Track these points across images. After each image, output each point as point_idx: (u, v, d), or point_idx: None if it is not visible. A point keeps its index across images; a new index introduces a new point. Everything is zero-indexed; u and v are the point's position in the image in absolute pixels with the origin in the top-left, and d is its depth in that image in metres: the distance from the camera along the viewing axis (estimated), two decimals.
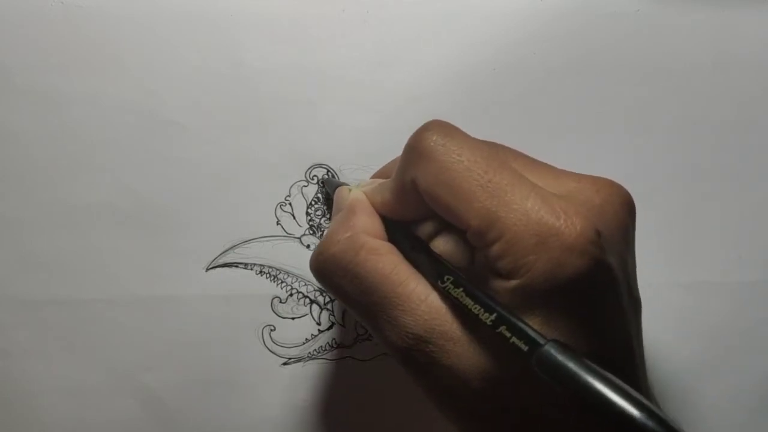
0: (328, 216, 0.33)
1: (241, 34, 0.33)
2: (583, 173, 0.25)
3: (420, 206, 0.24)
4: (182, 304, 0.32)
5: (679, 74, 0.34)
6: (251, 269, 0.33)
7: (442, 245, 0.24)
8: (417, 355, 0.23)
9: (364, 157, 0.33)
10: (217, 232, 0.33)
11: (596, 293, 0.21)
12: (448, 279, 0.23)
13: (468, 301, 0.22)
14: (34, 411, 0.32)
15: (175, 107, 0.33)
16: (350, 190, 0.28)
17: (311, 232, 0.33)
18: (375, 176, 0.31)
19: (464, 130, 0.34)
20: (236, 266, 0.33)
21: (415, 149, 0.23)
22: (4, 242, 0.32)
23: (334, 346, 0.33)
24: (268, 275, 0.33)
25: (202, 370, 0.32)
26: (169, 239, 0.32)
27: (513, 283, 0.21)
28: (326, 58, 0.33)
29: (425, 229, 0.25)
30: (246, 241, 0.33)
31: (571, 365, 0.19)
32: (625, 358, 0.22)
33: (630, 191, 0.34)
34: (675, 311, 0.34)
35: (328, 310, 0.33)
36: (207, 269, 0.32)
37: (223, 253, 0.32)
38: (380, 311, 0.23)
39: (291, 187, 0.33)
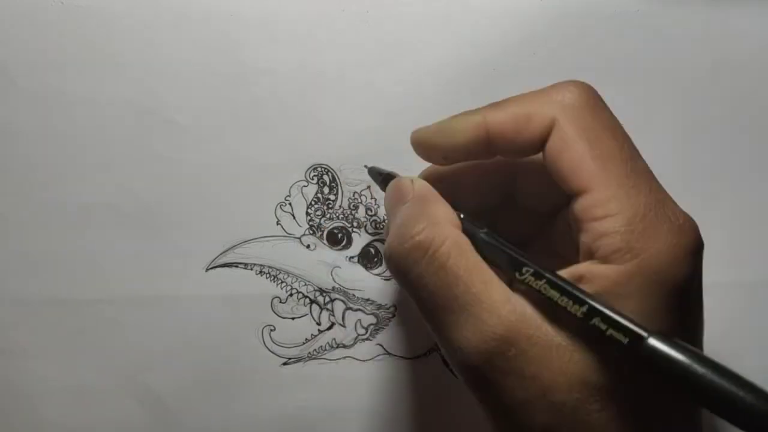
0: (327, 216, 0.33)
1: (241, 34, 0.33)
2: None
3: (508, 152, 0.24)
4: (182, 304, 0.32)
5: (679, 74, 0.34)
6: (251, 269, 0.33)
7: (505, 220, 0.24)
8: (496, 360, 0.21)
9: (364, 157, 0.33)
10: (217, 232, 0.33)
11: (695, 295, 0.22)
12: (527, 271, 0.21)
13: (553, 293, 0.21)
14: (34, 411, 0.32)
15: (175, 107, 0.33)
16: (413, 180, 0.27)
17: (311, 232, 0.33)
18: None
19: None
20: (236, 266, 0.33)
21: (575, 92, 0.23)
22: (4, 242, 0.32)
23: (334, 346, 0.33)
24: (268, 275, 0.33)
25: (202, 370, 0.32)
26: (169, 239, 0.32)
27: (615, 267, 0.20)
28: (326, 58, 0.33)
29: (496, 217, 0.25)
30: (246, 241, 0.33)
31: (684, 358, 0.18)
32: (700, 340, 0.23)
33: None
34: None
35: (328, 310, 0.33)
36: (207, 269, 0.32)
37: (223, 253, 0.32)
38: (460, 308, 0.22)
39: (291, 187, 0.33)
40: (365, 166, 0.33)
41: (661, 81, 0.34)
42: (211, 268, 0.32)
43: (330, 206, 0.33)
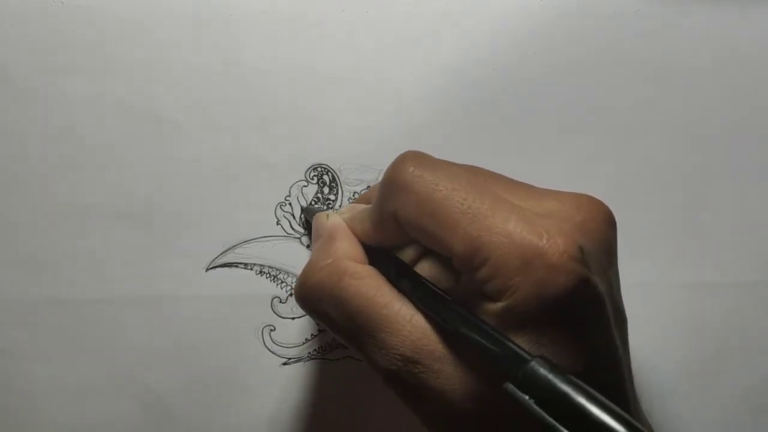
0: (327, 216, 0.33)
1: (241, 34, 0.33)
2: (564, 191, 0.25)
3: (401, 234, 0.24)
4: (182, 304, 0.32)
5: (679, 74, 0.34)
6: (251, 269, 0.33)
7: (426, 269, 0.24)
8: (406, 377, 0.23)
9: (364, 157, 0.33)
10: (217, 232, 0.33)
11: (582, 310, 0.21)
12: (434, 302, 0.23)
13: (454, 320, 0.22)
14: (34, 411, 0.32)
15: (175, 107, 0.33)
16: (328, 216, 0.28)
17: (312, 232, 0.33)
18: (354, 202, 0.31)
19: (464, 130, 0.34)
20: (236, 266, 0.33)
21: (393, 182, 0.23)
22: (4, 242, 0.32)
23: (334, 346, 0.33)
24: (268, 275, 0.33)
25: (202, 370, 0.32)
26: (169, 239, 0.32)
27: (500, 304, 0.21)
28: (326, 58, 0.33)
29: (407, 254, 0.25)
30: (246, 241, 0.33)
31: (556, 381, 0.19)
32: (612, 372, 0.22)
33: (630, 191, 0.34)
34: (674, 311, 0.34)
35: None
36: (207, 269, 0.32)
37: (223, 253, 0.33)
38: (366, 335, 0.23)
39: (291, 187, 0.33)
40: (301, 206, 0.33)
41: (661, 81, 0.34)
42: (211, 268, 0.32)
43: (330, 206, 0.33)
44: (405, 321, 0.23)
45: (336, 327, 0.25)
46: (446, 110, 0.34)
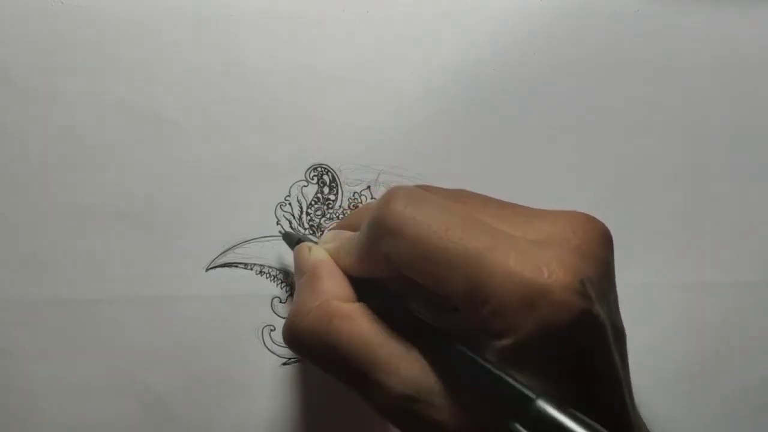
0: (327, 216, 0.33)
1: (241, 34, 0.33)
2: (556, 210, 0.24)
3: (390, 268, 0.23)
4: (182, 304, 0.32)
5: (679, 74, 0.34)
6: (251, 269, 0.33)
7: (416, 301, 0.24)
8: (407, 416, 0.22)
9: (364, 157, 0.33)
10: (217, 232, 0.33)
11: (584, 342, 0.21)
12: (429, 336, 0.22)
13: (453, 357, 0.22)
14: (34, 411, 0.32)
15: (175, 107, 0.33)
16: (310, 248, 0.27)
17: (311, 232, 0.33)
18: (338, 227, 0.31)
19: (464, 130, 0.34)
20: (236, 266, 0.33)
21: (384, 224, 0.23)
22: (4, 242, 0.32)
23: None
24: (268, 275, 0.33)
25: (202, 370, 0.32)
26: (169, 239, 0.32)
27: (503, 342, 0.21)
28: (326, 58, 0.33)
29: (396, 284, 0.24)
30: (246, 241, 0.33)
31: (562, 418, 0.19)
32: (613, 394, 0.22)
33: (630, 191, 0.34)
34: (674, 311, 0.34)
35: None
36: (207, 269, 0.32)
37: (223, 253, 0.32)
38: (362, 377, 0.23)
39: (291, 187, 0.33)
40: (279, 232, 0.33)
41: (661, 81, 0.34)
42: (211, 268, 0.32)
43: (330, 206, 0.33)
44: (401, 360, 0.23)
45: (331, 371, 0.24)
46: (446, 110, 0.34)
